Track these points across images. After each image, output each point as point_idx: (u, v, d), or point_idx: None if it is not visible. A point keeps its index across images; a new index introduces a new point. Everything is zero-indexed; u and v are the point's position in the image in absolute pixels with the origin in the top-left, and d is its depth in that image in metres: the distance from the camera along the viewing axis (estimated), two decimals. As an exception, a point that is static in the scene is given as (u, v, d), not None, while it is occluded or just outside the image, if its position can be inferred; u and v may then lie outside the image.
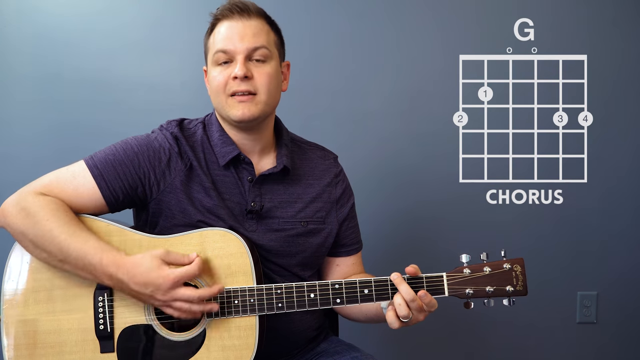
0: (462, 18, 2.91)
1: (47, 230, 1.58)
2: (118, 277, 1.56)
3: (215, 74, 1.73)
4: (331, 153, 1.98)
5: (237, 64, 1.71)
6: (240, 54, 1.71)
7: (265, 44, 1.74)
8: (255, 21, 1.74)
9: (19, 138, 2.81)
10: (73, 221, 1.62)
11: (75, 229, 1.60)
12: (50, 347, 1.62)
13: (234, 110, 1.72)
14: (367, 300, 1.66)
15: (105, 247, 1.59)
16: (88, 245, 1.58)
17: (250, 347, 1.63)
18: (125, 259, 1.57)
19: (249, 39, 1.72)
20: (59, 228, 1.58)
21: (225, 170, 1.77)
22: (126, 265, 1.56)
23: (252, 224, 1.77)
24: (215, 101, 1.77)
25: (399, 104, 2.91)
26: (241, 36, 1.71)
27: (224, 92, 1.72)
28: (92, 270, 1.58)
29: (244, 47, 1.71)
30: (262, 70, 1.73)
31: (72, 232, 1.59)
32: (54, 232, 1.58)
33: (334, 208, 1.89)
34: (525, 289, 1.67)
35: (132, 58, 2.84)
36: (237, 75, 1.69)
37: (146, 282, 1.55)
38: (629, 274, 2.99)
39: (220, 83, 1.72)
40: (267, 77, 1.74)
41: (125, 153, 1.71)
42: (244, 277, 1.64)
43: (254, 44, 1.72)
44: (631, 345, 3.01)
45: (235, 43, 1.71)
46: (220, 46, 1.72)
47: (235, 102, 1.72)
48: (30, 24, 2.81)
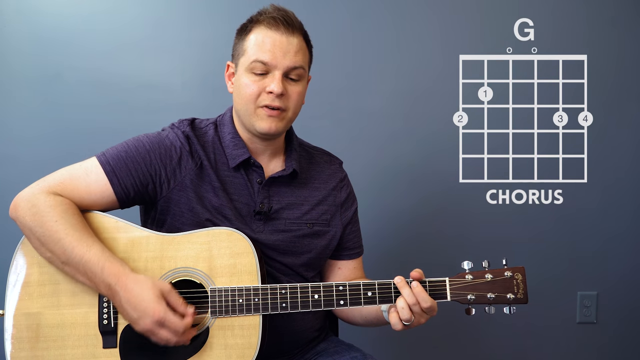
0: (462, 18, 2.92)
1: (54, 231, 1.59)
2: (115, 289, 1.57)
3: (248, 83, 1.72)
4: (337, 159, 2.00)
5: (274, 79, 1.70)
6: (280, 70, 1.71)
7: (303, 64, 1.75)
8: (297, 39, 1.74)
9: (19, 138, 2.80)
10: (80, 225, 1.62)
11: (82, 234, 1.60)
12: (52, 341, 1.63)
13: (262, 122, 1.73)
14: (371, 302, 1.67)
15: (110, 257, 1.60)
16: (92, 252, 1.58)
17: (253, 347, 1.63)
18: (127, 274, 1.58)
19: (290, 57, 1.72)
20: (66, 230, 1.59)
21: (235, 171, 1.79)
22: (127, 281, 1.57)
23: (260, 224, 1.78)
24: (241, 107, 1.76)
25: (399, 104, 2.91)
26: (284, 52, 1.71)
27: (254, 103, 1.72)
28: (91, 276, 1.58)
29: (285, 64, 1.71)
30: (295, 89, 1.75)
31: (79, 237, 1.59)
32: (61, 234, 1.59)
33: (339, 211, 1.91)
34: (526, 297, 1.69)
35: (132, 58, 2.83)
36: (274, 92, 1.70)
37: (137, 306, 1.55)
38: (628, 274, 2.99)
39: (252, 93, 1.72)
40: (299, 96, 1.76)
41: (137, 150, 1.71)
42: (249, 277, 1.65)
43: (294, 64, 1.72)
44: (631, 345, 3.02)
45: (277, 58, 1.70)
46: (260, 57, 1.70)
47: (264, 115, 1.72)
48: (30, 24, 2.80)
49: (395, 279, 1.65)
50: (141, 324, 1.56)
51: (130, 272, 1.59)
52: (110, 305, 1.64)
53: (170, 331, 1.55)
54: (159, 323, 1.54)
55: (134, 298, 1.55)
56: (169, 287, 1.59)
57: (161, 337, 1.56)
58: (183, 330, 1.56)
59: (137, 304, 1.55)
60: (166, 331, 1.55)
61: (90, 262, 1.57)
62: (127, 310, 1.57)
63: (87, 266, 1.58)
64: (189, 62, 2.84)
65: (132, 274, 1.59)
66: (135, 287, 1.56)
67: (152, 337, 1.57)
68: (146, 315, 1.54)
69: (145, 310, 1.54)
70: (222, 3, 2.84)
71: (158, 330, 1.55)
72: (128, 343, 1.63)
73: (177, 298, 1.59)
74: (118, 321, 1.64)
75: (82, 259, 1.58)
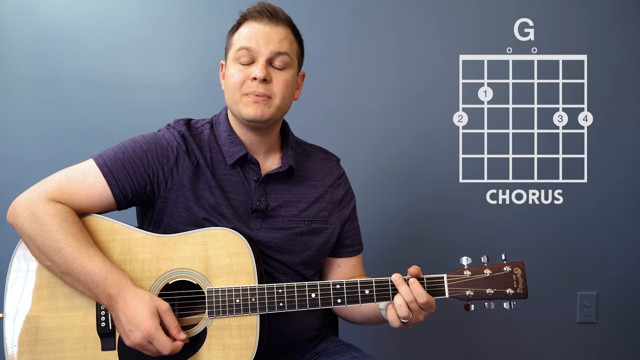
0: (462, 18, 2.91)
1: (55, 241, 1.59)
2: (116, 299, 1.57)
3: (234, 72, 1.75)
4: (334, 156, 2.00)
5: (258, 65, 1.72)
6: (263, 56, 1.73)
7: (288, 51, 1.76)
8: (282, 28, 1.76)
9: (18, 138, 2.80)
10: (80, 234, 1.62)
11: (82, 244, 1.60)
12: (51, 344, 1.63)
13: (248, 108, 1.73)
14: (368, 300, 1.66)
15: (111, 268, 1.60)
16: (93, 263, 1.59)
17: (250, 347, 1.63)
18: (129, 287, 1.59)
19: (273, 44, 1.74)
20: (66, 241, 1.59)
21: (231, 169, 1.79)
22: (127, 293, 1.58)
23: (257, 222, 1.78)
24: (229, 97, 1.78)
25: (399, 104, 2.91)
26: (267, 39, 1.73)
27: (239, 90, 1.74)
28: (92, 287, 1.59)
29: (268, 50, 1.73)
30: (280, 77, 1.76)
31: (79, 247, 1.60)
32: (61, 244, 1.59)
33: (336, 209, 1.91)
34: (525, 292, 1.68)
35: (131, 58, 2.84)
36: (257, 77, 1.71)
37: (131, 319, 1.56)
38: (629, 274, 2.99)
39: (237, 81, 1.74)
40: (284, 83, 1.76)
41: (134, 151, 1.72)
42: (246, 277, 1.65)
43: (277, 49, 1.74)
44: (631, 345, 3.01)
45: (260, 44, 1.73)
46: (244, 44, 1.73)
47: (250, 101, 1.73)
48: (30, 24, 2.81)
49: (393, 276, 1.65)
50: (131, 337, 1.56)
51: (132, 285, 1.60)
52: None
53: (157, 350, 1.56)
54: (147, 339, 1.55)
55: (130, 311, 1.56)
56: (166, 306, 1.59)
57: (149, 352, 1.58)
58: (170, 352, 1.57)
59: (131, 317, 1.55)
60: (153, 348, 1.56)
61: (92, 272, 1.58)
62: (122, 321, 1.57)
63: (89, 277, 1.58)
64: (188, 62, 2.84)
65: (133, 287, 1.59)
66: (133, 300, 1.56)
67: (141, 350, 1.58)
68: (137, 329, 1.55)
69: (137, 324, 1.55)
70: (221, 3, 2.83)
71: (146, 346, 1.56)
72: (127, 345, 1.63)
73: (172, 320, 1.59)
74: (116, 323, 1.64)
75: (83, 270, 1.58)
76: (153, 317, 1.56)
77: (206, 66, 2.82)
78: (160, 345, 1.55)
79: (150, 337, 1.54)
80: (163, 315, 1.58)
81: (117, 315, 1.58)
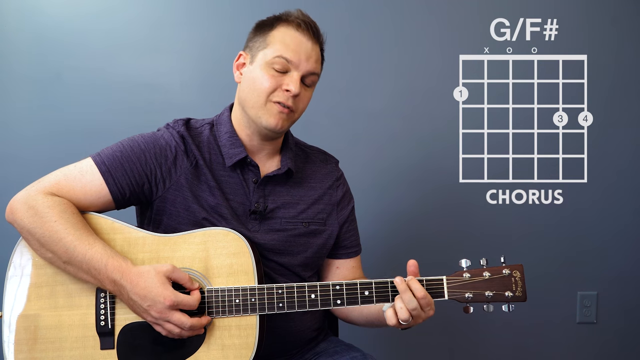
0: (462, 18, 2.91)
1: (54, 231, 1.59)
2: (121, 283, 1.57)
3: (266, 76, 1.72)
4: (333, 158, 2.00)
5: (293, 79, 1.72)
6: (300, 72, 1.73)
7: (319, 73, 1.80)
8: (318, 49, 1.79)
9: (18, 138, 2.81)
10: (80, 224, 1.62)
11: (82, 233, 1.61)
12: (50, 343, 1.63)
13: (271, 118, 1.73)
14: (367, 301, 1.66)
15: (112, 253, 1.60)
16: (94, 249, 1.59)
17: (250, 347, 1.63)
18: (130, 268, 1.59)
19: (312, 63, 1.75)
20: (66, 230, 1.59)
21: (230, 171, 1.78)
22: (131, 274, 1.57)
23: (255, 224, 1.78)
24: (250, 99, 1.75)
25: (399, 104, 2.91)
26: (308, 56, 1.74)
27: (266, 97, 1.72)
28: (95, 274, 1.58)
29: (306, 68, 1.74)
30: (307, 94, 1.79)
31: (79, 235, 1.60)
32: (61, 234, 1.59)
33: (335, 210, 1.91)
34: (524, 295, 1.68)
35: (131, 58, 2.84)
36: (292, 92, 1.71)
37: (146, 295, 1.56)
38: (629, 274, 2.99)
39: (268, 87, 1.72)
40: (307, 100, 1.80)
41: (132, 150, 1.72)
42: (246, 277, 1.65)
43: (313, 69, 1.76)
44: (631, 345, 3.01)
45: (301, 59, 1.73)
46: (285, 54, 1.72)
47: (275, 111, 1.73)
48: (31, 24, 2.81)
49: (396, 279, 1.64)
50: (153, 313, 1.56)
51: (133, 266, 1.59)
52: (107, 306, 1.64)
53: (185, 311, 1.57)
54: (172, 307, 1.55)
55: (141, 290, 1.56)
56: (170, 267, 1.60)
57: (175, 321, 1.56)
58: (196, 305, 1.58)
59: (145, 293, 1.55)
60: (179, 315, 1.56)
61: (93, 259, 1.58)
62: (136, 302, 1.57)
63: (91, 264, 1.58)
64: (188, 62, 2.84)
65: (135, 267, 1.59)
66: (140, 279, 1.56)
67: (165, 324, 1.57)
68: (157, 302, 1.55)
69: (155, 297, 1.55)
70: (221, 3, 2.84)
71: (171, 315, 1.56)
72: (125, 344, 1.63)
73: (182, 275, 1.60)
74: (115, 322, 1.64)
75: (84, 257, 1.58)
76: (167, 286, 1.56)
77: (206, 66, 2.83)
78: (187, 304, 1.57)
79: (175, 304, 1.55)
80: (171, 275, 1.59)
81: (128, 297, 1.58)
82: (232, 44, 2.81)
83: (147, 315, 1.58)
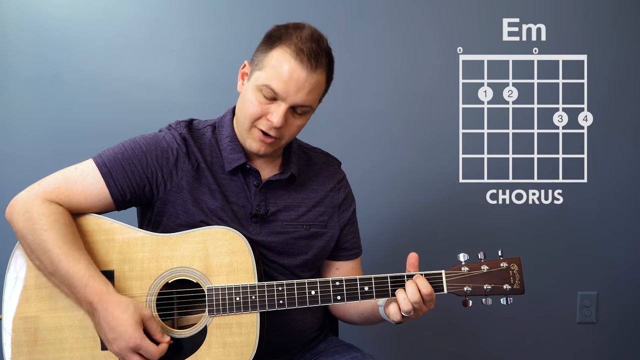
0: (462, 18, 2.92)
1: (43, 240, 1.58)
2: (96, 307, 1.56)
3: (253, 101, 1.68)
4: (335, 159, 1.99)
5: (278, 111, 1.66)
6: (287, 103, 1.66)
7: (312, 103, 1.71)
8: (318, 75, 1.68)
9: (18, 138, 2.81)
10: (70, 236, 1.61)
11: (70, 247, 1.59)
12: (50, 344, 1.62)
13: (253, 143, 1.72)
14: (368, 297, 1.66)
15: (94, 274, 1.58)
16: (77, 267, 1.57)
17: (251, 345, 1.63)
18: (110, 294, 1.57)
19: (302, 95, 1.66)
20: (55, 241, 1.58)
21: (232, 174, 1.78)
22: (109, 301, 1.56)
23: (256, 227, 1.77)
24: (240, 119, 1.73)
25: (399, 104, 2.92)
26: (297, 88, 1.65)
27: (251, 122, 1.69)
28: (74, 291, 1.58)
29: (294, 100, 1.66)
30: (296, 122, 1.72)
31: (67, 249, 1.58)
32: (49, 244, 1.58)
33: (336, 212, 1.90)
34: (522, 288, 1.69)
35: (131, 58, 2.84)
36: (274, 124, 1.66)
37: (115, 327, 1.55)
38: (629, 274, 2.99)
39: (254, 113, 1.68)
40: (297, 128, 1.74)
41: (134, 152, 1.71)
42: (246, 275, 1.64)
43: (302, 102, 1.67)
44: (631, 345, 3.02)
45: (289, 91, 1.64)
46: (272, 84, 1.64)
47: (257, 137, 1.70)
48: (30, 24, 2.81)
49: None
50: (115, 347, 1.56)
51: (114, 293, 1.58)
52: None
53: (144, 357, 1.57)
54: (134, 349, 1.55)
55: (113, 320, 1.55)
56: (149, 313, 1.59)
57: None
58: (157, 357, 1.57)
59: (115, 326, 1.55)
60: (139, 358, 1.56)
61: (74, 277, 1.56)
62: (104, 329, 1.56)
63: (71, 280, 1.57)
64: (188, 63, 2.84)
65: (115, 294, 1.58)
66: (116, 309, 1.55)
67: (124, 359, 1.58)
68: (122, 339, 1.54)
69: (122, 334, 1.54)
70: (221, 3, 2.84)
71: (131, 356, 1.56)
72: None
73: (156, 325, 1.59)
74: None
75: (67, 273, 1.57)
76: (138, 327, 1.55)
77: (206, 66, 2.83)
78: (149, 353, 1.55)
79: (137, 347, 1.54)
80: (147, 322, 1.58)
81: (98, 323, 1.57)
82: (232, 44, 2.83)
83: (109, 346, 1.57)
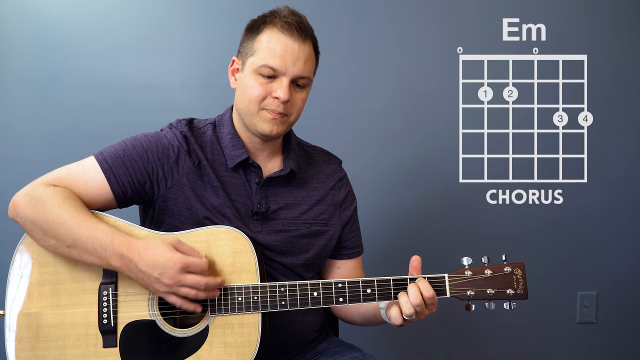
0: (462, 18, 2.92)
1: (58, 215, 1.59)
2: (128, 256, 1.57)
3: (255, 84, 1.71)
4: (336, 158, 2.00)
5: (282, 85, 1.70)
6: (288, 77, 1.70)
7: (310, 74, 1.75)
8: (308, 47, 1.74)
9: (19, 139, 2.80)
10: (82, 207, 1.63)
11: (86, 215, 1.61)
12: (52, 341, 1.63)
13: (265, 124, 1.73)
14: (370, 299, 1.67)
15: (116, 230, 1.61)
16: (99, 228, 1.59)
17: (252, 345, 1.63)
18: (136, 241, 1.59)
19: (299, 66, 1.71)
20: (70, 213, 1.59)
21: (233, 172, 1.79)
22: (137, 246, 1.58)
23: (257, 225, 1.78)
24: (244, 107, 1.75)
25: (399, 104, 2.92)
26: (294, 60, 1.70)
27: (258, 104, 1.72)
28: (101, 252, 1.58)
29: (294, 72, 1.70)
30: (300, 96, 1.75)
31: (83, 217, 1.60)
32: (64, 217, 1.59)
33: (337, 211, 1.91)
34: (525, 293, 1.68)
35: (132, 58, 2.84)
36: (281, 99, 1.69)
37: (155, 263, 1.56)
38: (629, 274, 2.99)
39: (258, 95, 1.71)
40: (302, 102, 1.77)
41: (135, 149, 1.72)
42: (248, 275, 1.65)
43: (302, 73, 1.72)
44: (631, 345, 3.02)
45: (287, 65, 1.69)
46: (270, 62, 1.69)
47: (268, 117, 1.72)
48: (31, 24, 2.81)
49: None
50: (165, 280, 1.55)
51: (139, 239, 1.60)
52: (110, 304, 1.63)
53: (197, 273, 1.57)
54: (182, 269, 1.55)
55: (151, 257, 1.56)
56: (176, 238, 1.62)
57: (189, 283, 1.56)
58: (207, 267, 1.58)
59: (155, 262, 1.56)
60: (192, 276, 1.56)
61: (98, 237, 1.57)
62: (145, 272, 1.56)
63: (96, 242, 1.58)
64: (188, 62, 2.84)
65: (141, 240, 1.60)
66: (147, 250, 1.57)
67: (180, 290, 1.57)
68: (168, 267, 1.55)
69: (165, 263, 1.55)
70: (221, 3, 2.84)
71: (184, 278, 1.55)
72: (128, 342, 1.63)
73: (187, 247, 1.61)
74: (118, 320, 1.64)
75: (90, 236, 1.58)
76: (174, 251, 1.57)
77: (206, 66, 2.83)
78: (199, 266, 1.57)
79: (186, 266, 1.55)
80: (177, 246, 1.60)
81: (137, 270, 1.57)
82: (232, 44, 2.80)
83: (160, 285, 1.57)
